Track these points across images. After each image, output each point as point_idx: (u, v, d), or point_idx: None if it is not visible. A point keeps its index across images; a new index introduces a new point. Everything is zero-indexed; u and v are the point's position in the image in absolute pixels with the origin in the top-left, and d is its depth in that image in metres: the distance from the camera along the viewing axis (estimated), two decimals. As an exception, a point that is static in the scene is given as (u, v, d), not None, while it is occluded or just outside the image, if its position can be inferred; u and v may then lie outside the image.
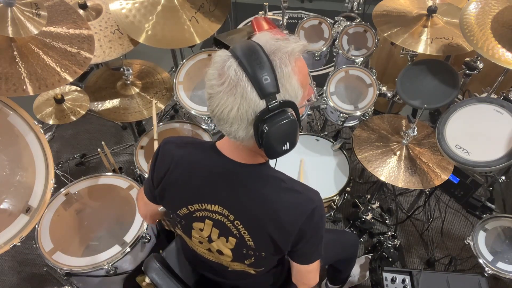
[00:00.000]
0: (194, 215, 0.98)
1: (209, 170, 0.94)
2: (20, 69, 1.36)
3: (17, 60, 1.37)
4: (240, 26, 3.49)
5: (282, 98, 0.79)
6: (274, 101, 0.77)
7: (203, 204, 0.95)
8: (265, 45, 0.80)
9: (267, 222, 0.91)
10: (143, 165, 1.84)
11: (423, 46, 1.77)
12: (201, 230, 1.00)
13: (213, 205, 0.94)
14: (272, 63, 0.78)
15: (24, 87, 1.34)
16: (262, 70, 0.76)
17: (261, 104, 0.77)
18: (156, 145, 1.62)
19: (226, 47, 2.04)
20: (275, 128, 0.78)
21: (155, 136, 1.67)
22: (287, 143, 0.83)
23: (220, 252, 1.03)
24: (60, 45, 1.50)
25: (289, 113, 0.80)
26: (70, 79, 1.45)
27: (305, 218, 0.91)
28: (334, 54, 2.24)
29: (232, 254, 1.01)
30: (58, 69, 1.44)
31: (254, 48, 0.79)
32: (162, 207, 1.15)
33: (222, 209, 0.94)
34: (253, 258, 1.00)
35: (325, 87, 1.98)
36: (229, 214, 0.94)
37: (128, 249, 1.53)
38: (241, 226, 0.94)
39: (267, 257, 0.99)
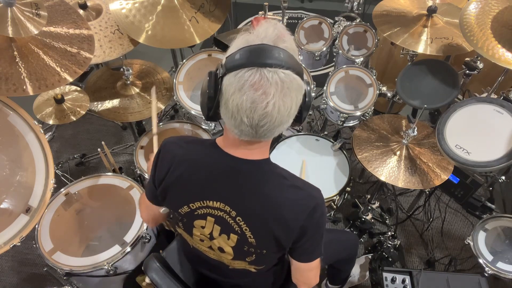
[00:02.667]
0: (196, 212, 0.98)
1: (210, 167, 0.94)
2: (20, 69, 1.36)
3: (17, 60, 1.37)
4: (240, 26, 3.49)
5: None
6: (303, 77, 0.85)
7: (204, 202, 0.95)
8: (264, 41, 0.82)
9: (269, 218, 0.92)
10: (143, 165, 1.84)
11: (423, 46, 1.77)
12: (203, 227, 1.00)
13: (215, 202, 0.95)
14: (285, 49, 0.82)
15: (24, 87, 1.34)
16: (291, 58, 0.82)
17: (303, 84, 0.85)
18: (155, 142, 1.61)
19: (226, 47, 2.04)
20: (309, 96, 0.88)
21: (155, 131, 1.64)
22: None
23: (221, 249, 1.03)
24: (60, 45, 1.50)
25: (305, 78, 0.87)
26: (70, 79, 1.45)
27: (306, 215, 0.92)
28: (334, 54, 2.24)
29: (233, 252, 1.01)
30: (58, 69, 1.44)
31: (265, 47, 0.80)
32: (164, 209, 1.15)
33: (224, 206, 0.94)
34: (254, 255, 1.00)
35: (325, 87, 1.98)
36: (231, 210, 0.94)
37: (128, 249, 1.53)
38: (243, 222, 0.94)
39: (268, 254, 1.00)
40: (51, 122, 1.81)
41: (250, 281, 1.17)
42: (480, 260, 1.54)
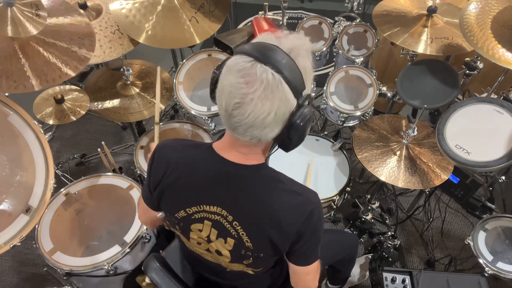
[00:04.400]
0: (193, 217, 0.98)
1: (207, 172, 0.94)
2: (21, 66, 1.36)
3: (18, 57, 1.37)
4: (240, 26, 3.49)
5: (306, 93, 0.83)
6: (302, 98, 0.81)
7: (201, 206, 0.95)
8: (279, 45, 0.81)
9: (266, 223, 0.91)
10: (143, 165, 1.84)
11: (423, 46, 1.77)
12: (200, 230, 1.00)
13: (211, 206, 0.94)
14: (295, 62, 0.80)
15: (26, 84, 1.34)
16: (293, 71, 0.79)
17: (294, 103, 0.81)
18: (157, 132, 1.62)
19: (226, 47, 2.04)
20: (305, 122, 0.82)
21: (157, 120, 1.67)
22: (306, 133, 0.88)
23: (218, 252, 1.03)
24: (61, 43, 1.50)
25: (310, 106, 0.84)
26: (72, 74, 1.45)
27: (303, 220, 0.91)
28: (334, 54, 2.24)
29: (231, 255, 1.01)
30: (60, 64, 1.43)
31: (275, 49, 0.80)
32: (161, 213, 1.14)
33: (220, 210, 0.94)
34: (251, 258, 1.00)
35: (325, 87, 1.98)
36: (227, 215, 0.94)
37: (128, 249, 1.53)
38: (240, 227, 0.94)
39: (265, 257, 0.99)
40: (51, 122, 1.81)
41: (248, 283, 1.17)
42: (480, 260, 1.55)
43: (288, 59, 0.79)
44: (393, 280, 1.59)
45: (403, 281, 1.58)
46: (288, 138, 0.85)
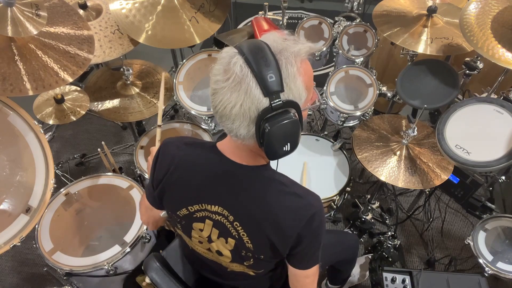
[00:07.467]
0: (194, 215, 0.98)
1: (209, 171, 0.94)
2: (18, 69, 1.36)
3: (16, 60, 1.37)
4: (240, 26, 3.49)
5: (286, 98, 0.79)
6: (277, 100, 0.77)
7: (203, 205, 0.95)
8: (272, 44, 0.81)
9: (266, 225, 0.91)
10: (143, 165, 1.84)
11: (423, 46, 1.77)
12: (201, 230, 1.00)
13: (213, 206, 0.94)
14: (278, 62, 0.78)
15: (22, 88, 1.34)
16: (267, 68, 0.77)
17: (265, 102, 0.78)
18: (158, 134, 1.61)
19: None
20: (277, 127, 0.78)
21: (159, 122, 1.64)
22: (288, 144, 0.83)
23: (219, 252, 1.03)
24: (60, 45, 1.50)
25: (292, 114, 0.80)
26: (70, 80, 1.45)
27: (304, 223, 0.90)
28: (334, 54, 2.24)
29: (231, 255, 1.01)
30: (57, 69, 1.44)
31: (260, 46, 0.79)
32: (164, 212, 1.14)
33: (222, 210, 0.94)
34: (252, 260, 1.00)
35: (325, 87, 1.98)
36: (229, 215, 0.94)
37: (128, 249, 1.53)
38: (240, 227, 0.94)
39: (266, 259, 0.99)
40: (51, 122, 1.81)
41: (248, 284, 1.17)
42: (480, 260, 1.55)
43: (269, 57, 0.78)
44: (393, 280, 1.59)
45: (403, 281, 1.58)
46: (260, 142, 0.81)
